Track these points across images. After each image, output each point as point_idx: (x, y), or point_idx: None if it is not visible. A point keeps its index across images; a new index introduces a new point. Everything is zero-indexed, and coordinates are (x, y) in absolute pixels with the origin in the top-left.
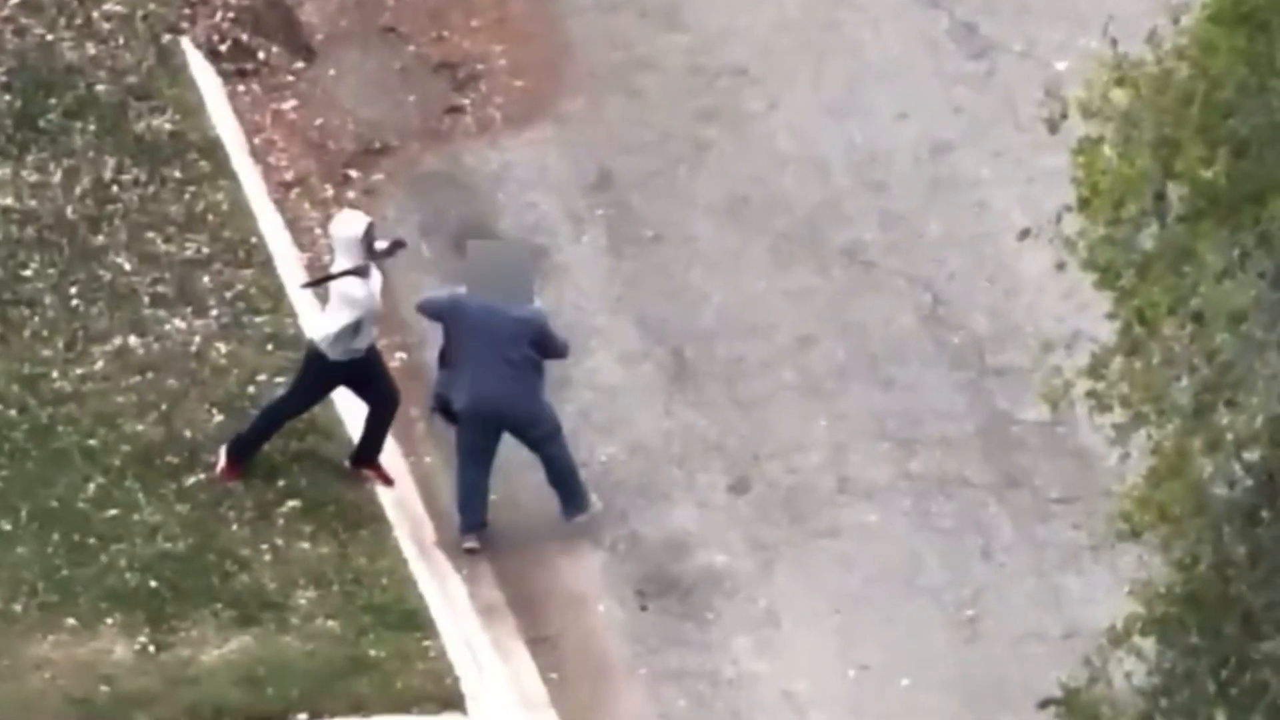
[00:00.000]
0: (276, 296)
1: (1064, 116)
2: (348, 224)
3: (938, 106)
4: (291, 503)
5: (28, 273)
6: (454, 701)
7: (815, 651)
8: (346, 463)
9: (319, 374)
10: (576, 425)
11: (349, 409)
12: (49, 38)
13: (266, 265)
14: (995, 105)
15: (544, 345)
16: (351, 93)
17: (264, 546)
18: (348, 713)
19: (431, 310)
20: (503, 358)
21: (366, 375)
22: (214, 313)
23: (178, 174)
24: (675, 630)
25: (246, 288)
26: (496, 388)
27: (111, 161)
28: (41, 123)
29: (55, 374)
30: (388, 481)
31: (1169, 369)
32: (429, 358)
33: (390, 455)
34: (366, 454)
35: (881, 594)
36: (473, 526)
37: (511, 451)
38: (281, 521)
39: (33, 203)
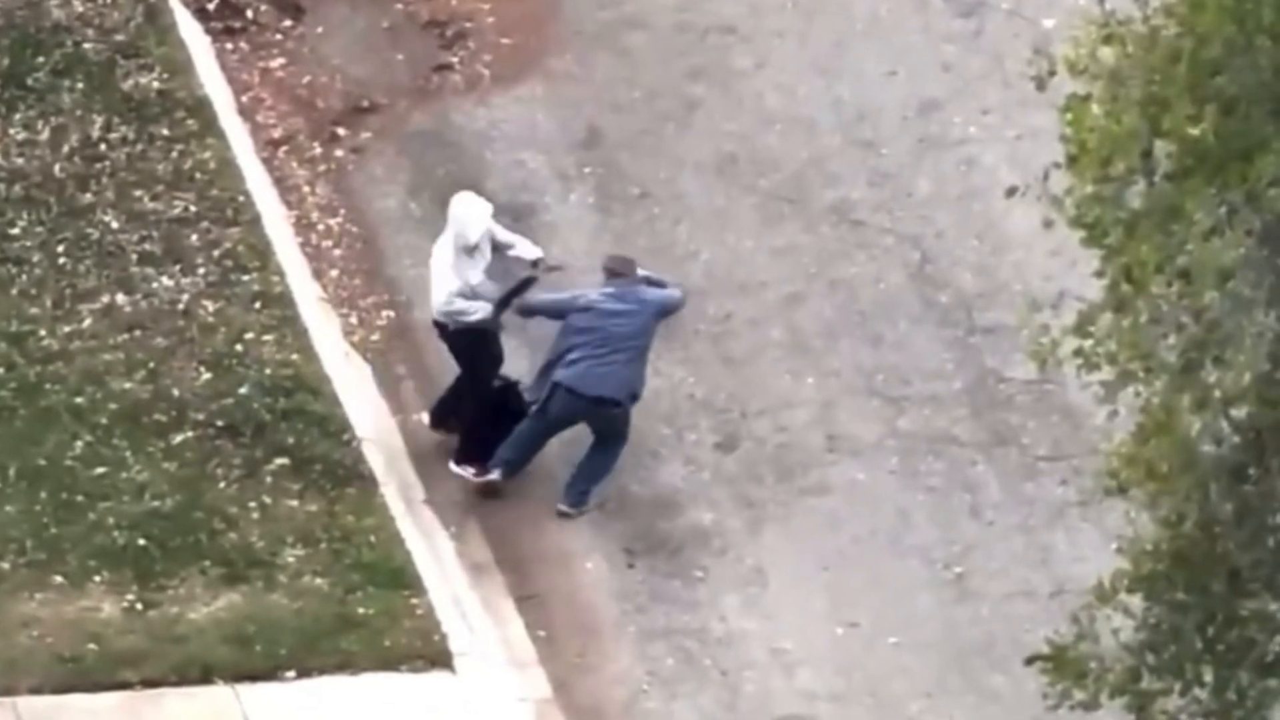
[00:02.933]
0: (264, 254)
1: (1052, 74)
2: (470, 215)
3: (926, 64)
4: (279, 460)
5: (15, 231)
6: (442, 659)
7: (803, 609)
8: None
9: (478, 343)
10: None
11: (335, 366)
12: None
13: (254, 223)
14: (983, 63)
15: (667, 311)
16: (340, 51)
17: (252, 504)
18: (336, 671)
19: (555, 310)
20: (616, 351)
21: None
22: (201, 270)
23: (166, 132)
24: (663, 588)
25: (234, 246)
26: (606, 380)
27: (99, 120)
28: (29, 81)
29: (43, 332)
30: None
31: (1156, 327)
32: (417, 316)
33: (378, 414)
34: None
35: (869, 552)
36: (510, 463)
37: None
38: (269, 479)
39: (20, 161)
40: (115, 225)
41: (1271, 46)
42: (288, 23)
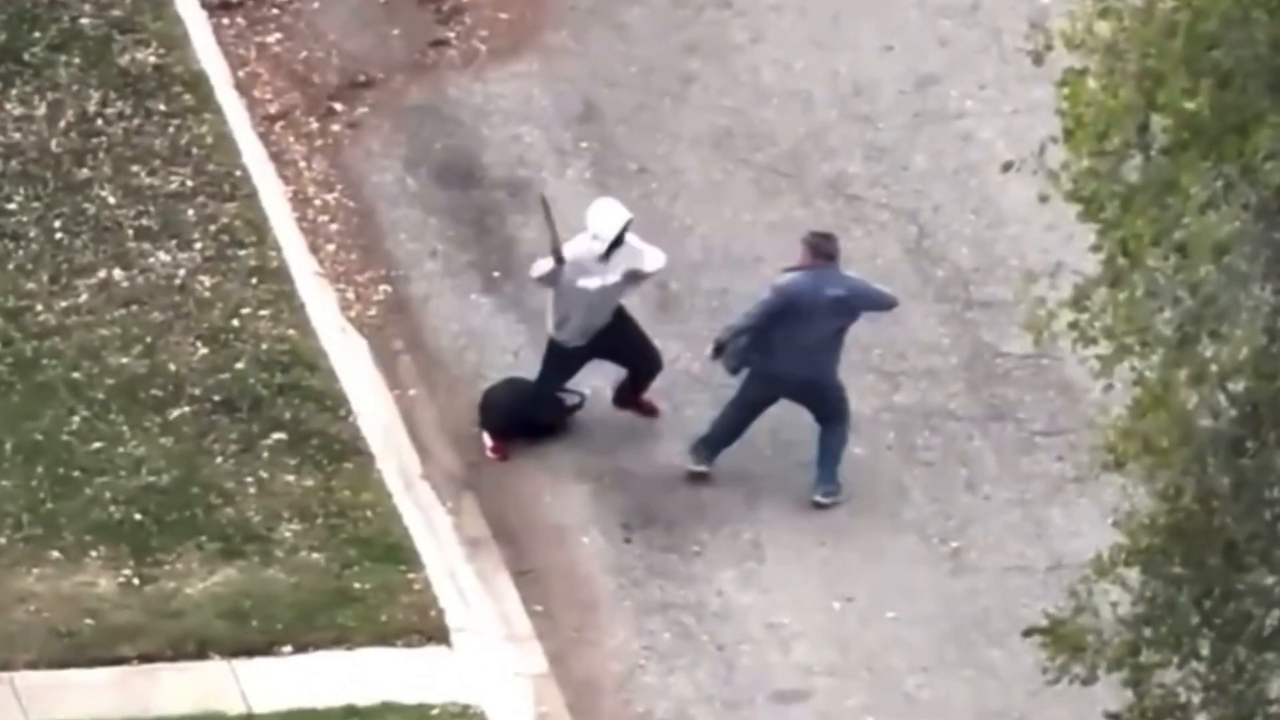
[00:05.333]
0: (260, 229)
1: (1048, 48)
2: (606, 218)
3: (922, 39)
4: (276, 435)
5: (12, 206)
6: (438, 634)
7: (800, 584)
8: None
9: (553, 357)
10: None
11: (332, 341)
12: None
13: (251, 198)
14: (980, 37)
15: (868, 305)
16: (336, 26)
17: (248, 479)
18: (332, 645)
19: (773, 309)
20: (815, 334)
21: (614, 350)
22: (198, 246)
23: (162, 107)
24: (660, 563)
25: (230, 221)
26: (804, 364)
27: (96, 95)
28: (26, 56)
29: (39, 307)
30: (653, 412)
31: (1153, 300)
32: (413, 291)
33: (375, 389)
34: (628, 394)
35: (866, 527)
36: (712, 457)
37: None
38: (266, 454)
39: (17, 136)
40: (112, 200)
41: (1268, 20)
42: None
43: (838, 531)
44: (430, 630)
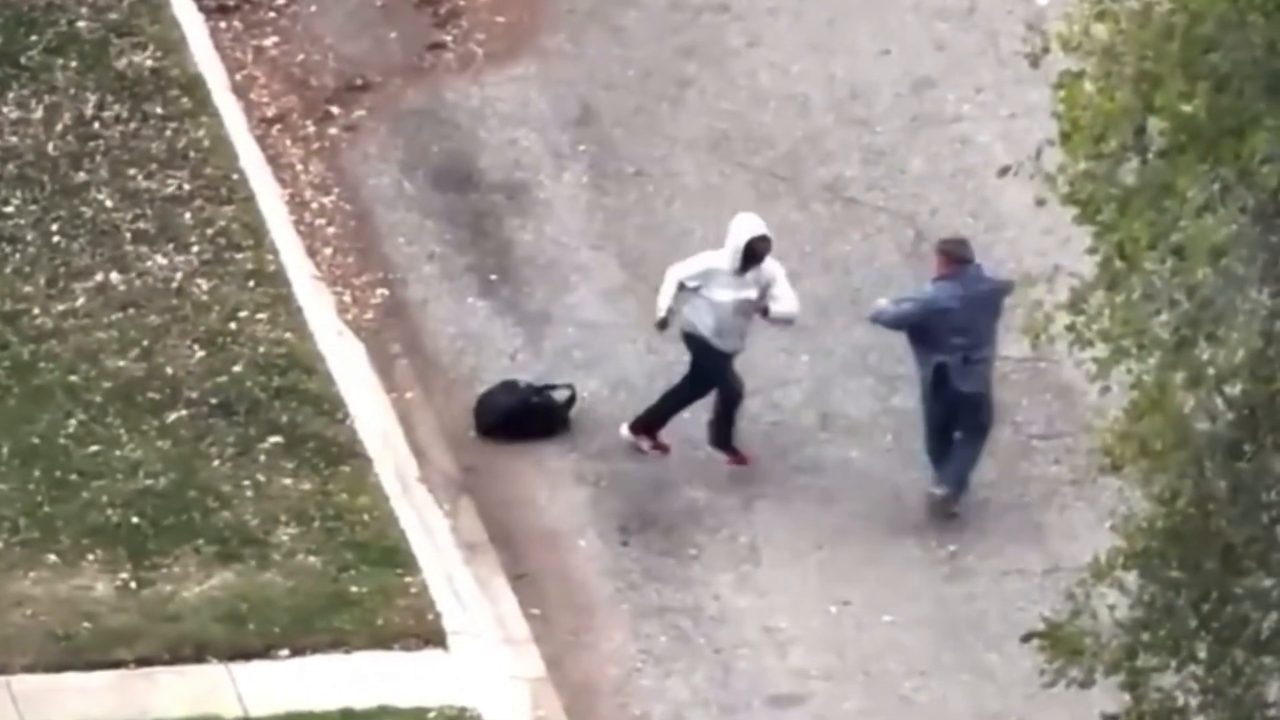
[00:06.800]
0: (258, 233)
1: (1045, 51)
2: (738, 229)
3: (919, 42)
4: (273, 439)
5: (9, 209)
6: (435, 638)
7: (797, 587)
8: (716, 450)
9: (710, 361)
10: (558, 362)
11: (329, 344)
12: None
13: (248, 202)
14: (977, 40)
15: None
16: (333, 29)
17: (245, 482)
18: (329, 649)
19: (904, 322)
20: (984, 344)
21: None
22: (195, 249)
23: (159, 110)
24: (657, 566)
25: (228, 224)
26: (968, 375)
27: (93, 98)
28: (23, 59)
29: (36, 310)
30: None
31: (1149, 303)
32: (411, 294)
33: (372, 392)
34: (720, 438)
35: (863, 530)
36: (946, 477)
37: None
38: (263, 458)
39: (14, 139)
40: (109, 204)
41: (1264, 23)
42: (281, 1)
43: (834, 535)
44: (427, 633)
